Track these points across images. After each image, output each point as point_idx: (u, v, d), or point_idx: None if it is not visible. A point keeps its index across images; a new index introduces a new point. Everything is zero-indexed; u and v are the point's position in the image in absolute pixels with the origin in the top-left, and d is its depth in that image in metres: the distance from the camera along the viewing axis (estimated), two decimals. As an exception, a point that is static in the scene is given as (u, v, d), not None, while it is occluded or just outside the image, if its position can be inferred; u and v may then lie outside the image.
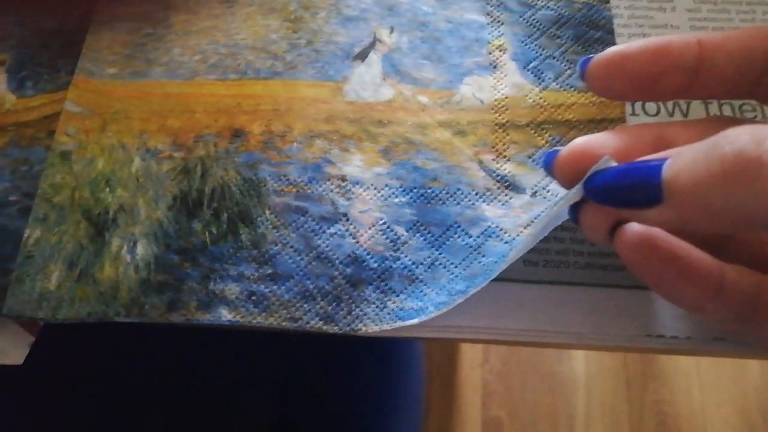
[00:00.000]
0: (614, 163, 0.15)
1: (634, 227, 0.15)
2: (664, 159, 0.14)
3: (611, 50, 0.17)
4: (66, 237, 0.20)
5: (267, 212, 0.20)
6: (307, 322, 0.18)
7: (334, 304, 0.18)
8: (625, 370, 0.93)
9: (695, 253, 0.15)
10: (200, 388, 0.34)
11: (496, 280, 0.20)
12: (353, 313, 0.18)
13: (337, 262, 0.19)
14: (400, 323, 0.18)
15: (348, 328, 0.18)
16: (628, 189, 0.14)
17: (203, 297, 0.18)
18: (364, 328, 0.18)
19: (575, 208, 0.16)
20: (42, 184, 0.20)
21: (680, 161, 0.14)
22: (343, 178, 0.20)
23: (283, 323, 0.18)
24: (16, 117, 0.22)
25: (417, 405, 0.41)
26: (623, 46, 0.16)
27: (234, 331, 0.29)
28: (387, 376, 0.38)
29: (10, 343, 0.20)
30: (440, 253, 0.19)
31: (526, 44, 0.22)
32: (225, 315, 0.18)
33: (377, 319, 0.18)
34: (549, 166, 0.16)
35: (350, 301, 0.18)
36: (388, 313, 0.18)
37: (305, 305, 0.18)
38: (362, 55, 0.22)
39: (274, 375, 0.35)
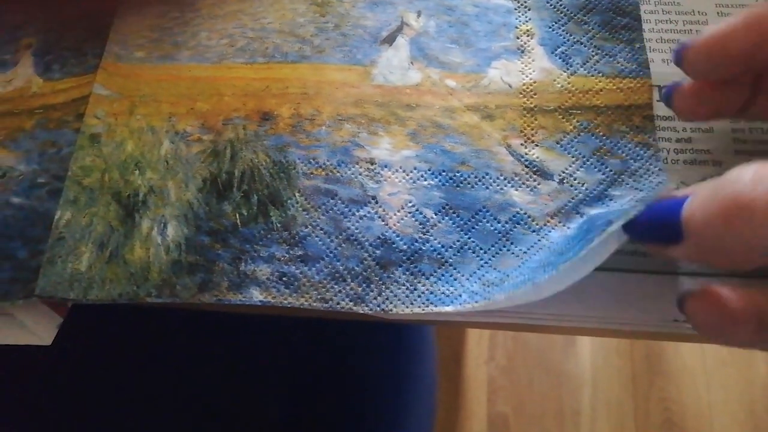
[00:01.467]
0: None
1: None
2: (685, 198, 0.15)
3: (707, 33, 0.17)
4: (96, 219, 0.20)
5: (297, 195, 0.20)
6: (338, 303, 0.18)
7: (364, 285, 0.18)
8: (631, 366, 0.93)
9: (732, 295, 0.15)
10: (216, 374, 0.34)
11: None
12: (383, 294, 0.18)
13: (366, 244, 0.19)
14: (432, 308, 0.18)
15: (378, 309, 0.18)
16: (656, 228, 0.16)
17: (234, 278, 0.18)
18: (395, 309, 0.18)
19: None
20: (72, 166, 0.21)
21: (695, 201, 0.15)
22: (371, 161, 0.20)
23: (314, 304, 0.18)
24: (44, 100, 0.22)
25: (430, 395, 0.41)
26: (714, 28, 0.17)
27: (249, 317, 0.29)
28: (400, 366, 0.38)
29: (39, 324, 0.20)
30: (469, 237, 0.19)
31: (553, 29, 0.22)
32: (256, 296, 0.18)
33: (407, 301, 0.18)
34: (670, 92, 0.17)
35: (380, 282, 0.18)
36: (419, 296, 0.18)
37: (336, 286, 0.18)
38: (390, 39, 0.22)
39: (289, 361, 0.35)
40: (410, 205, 0.20)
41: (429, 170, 0.20)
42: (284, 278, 0.18)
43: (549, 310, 0.19)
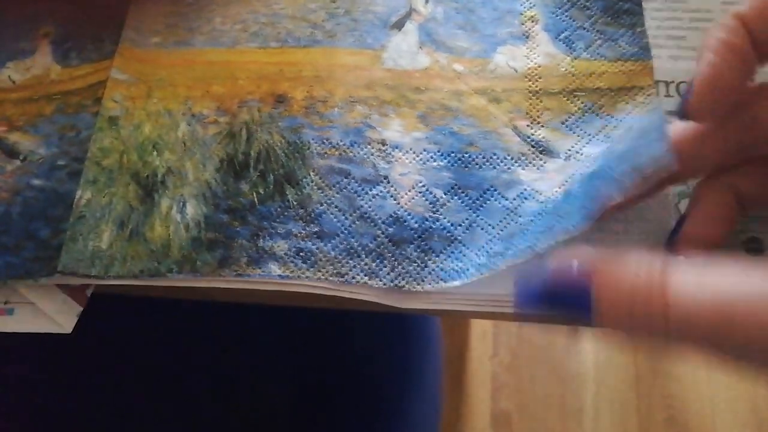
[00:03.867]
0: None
1: None
2: (587, 280, 0.14)
3: (700, 81, 0.17)
4: (116, 198, 0.20)
5: (312, 174, 0.20)
6: (353, 277, 0.19)
7: (378, 260, 0.19)
8: (634, 364, 0.93)
9: None
10: (222, 365, 0.34)
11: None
12: (396, 270, 0.19)
13: (379, 221, 0.19)
14: (442, 284, 0.19)
15: (392, 284, 0.19)
16: (565, 308, 0.15)
17: (253, 253, 0.19)
18: (407, 286, 0.19)
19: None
20: (91, 147, 0.21)
21: (603, 289, 0.14)
22: (383, 142, 0.21)
23: (330, 278, 0.19)
24: (62, 86, 0.23)
25: (436, 387, 0.41)
26: (701, 75, 0.17)
27: (257, 308, 0.30)
28: (407, 358, 0.39)
29: (59, 312, 0.20)
30: (478, 216, 0.20)
31: (557, 15, 0.23)
32: (275, 270, 0.19)
33: (419, 278, 0.19)
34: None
35: (393, 258, 0.19)
36: (429, 273, 0.19)
37: (350, 261, 0.19)
38: (399, 25, 0.23)
39: (296, 353, 0.36)
40: (420, 185, 0.20)
41: (438, 151, 0.21)
42: (301, 253, 0.19)
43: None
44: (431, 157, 0.21)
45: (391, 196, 0.20)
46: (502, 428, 0.90)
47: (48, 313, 0.20)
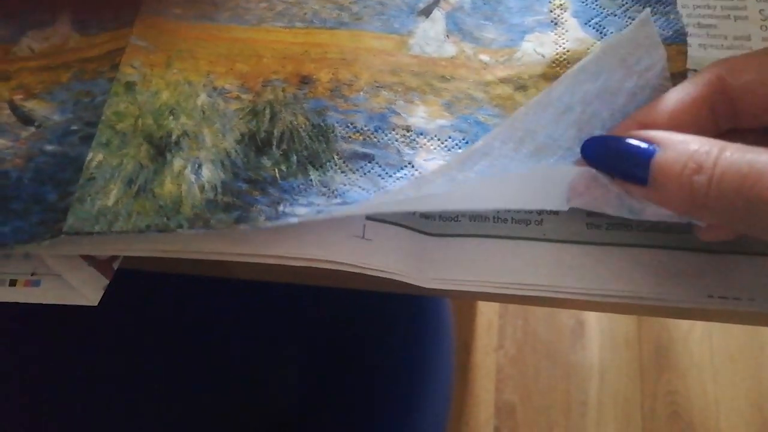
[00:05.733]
0: None
1: None
2: (654, 146, 0.17)
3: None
4: (127, 159, 0.20)
5: (335, 157, 0.20)
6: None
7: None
8: (639, 359, 0.93)
9: None
10: (233, 346, 0.34)
11: (558, 241, 0.20)
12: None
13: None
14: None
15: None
16: (623, 164, 0.17)
17: (272, 215, 0.19)
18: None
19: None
20: (106, 111, 0.21)
21: (666, 157, 0.16)
22: (407, 129, 0.20)
23: (354, 212, 0.18)
24: (80, 54, 0.23)
25: (447, 376, 0.41)
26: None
27: (270, 287, 0.29)
28: (419, 344, 0.39)
29: (86, 284, 0.20)
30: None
31: (586, 3, 0.23)
32: (293, 220, 0.18)
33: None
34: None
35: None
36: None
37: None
38: (426, 12, 0.23)
39: (308, 335, 0.36)
40: None
41: (463, 139, 0.20)
42: (321, 213, 0.19)
43: (581, 284, 0.19)
44: (456, 145, 0.20)
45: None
46: (506, 420, 0.90)
47: (74, 285, 0.20)
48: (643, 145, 0.17)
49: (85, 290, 0.20)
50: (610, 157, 0.18)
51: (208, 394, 0.33)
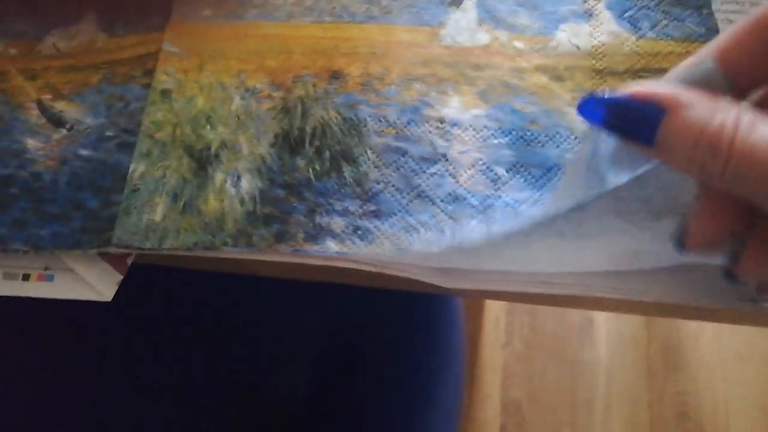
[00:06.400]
0: None
1: None
2: (663, 110, 0.15)
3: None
4: (169, 171, 0.20)
5: (368, 152, 0.20)
6: (411, 245, 0.18)
7: (438, 233, 0.19)
8: (647, 358, 0.93)
9: None
10: (248, 334, 0.34)
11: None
12: (456, 237, 0.18)
13: (438, 200, 0.19)
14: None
15: (451, 244, 0.18)
16: (627, 123, 0.16)
17: (310, 229, 0.19)
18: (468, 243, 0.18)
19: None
20: (144, 120, 0.21)
21: (674, 121, 0.15)
22: (441, 120, 0.20)
23: (389, 252, 0.18)
24: (109, 56, 0.23)
25: (460, 369, 0.41)
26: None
27: (284, 282, 0.29)
28: (432, 336, 0.38)
29: (100, 280, 0.20)
30: (541, 194, 0.19)
31: None
32: (332, 247, 0.18)
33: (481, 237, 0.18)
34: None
35: (453, 231, 0.19)
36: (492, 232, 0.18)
37: (409, 237, 0.19)
38: (457, 2, 0.22)
39: (320, 331, 0.35)
40: (481, 163, 0.20)
41: (499, 129, 0.20)
42: (358, 231, 0.19)
43: (609, 282, 0.19)
44: (492, 135, 0.20)
45: (450, 175, 0.19)
46: (513, 417, 0.90)
47: (88, 281, 0.20)
48: (652, 108, 0.16)
49: (99, 286, 0.20)
50: (614, 114, 0.16)
51: (215, 390, 0.33)
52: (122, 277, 0.20)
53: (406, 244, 0.18)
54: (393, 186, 0.19)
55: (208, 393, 0.33)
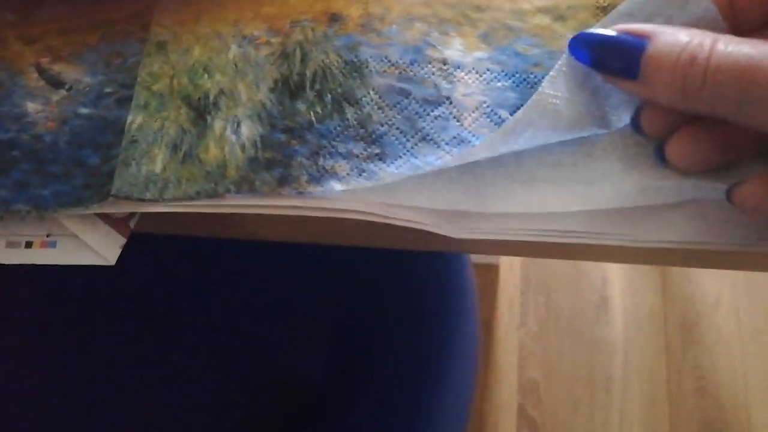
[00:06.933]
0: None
1: None
2: (644, 39, 0.16)
3: None
4: (168, 122, 0.20)
5: (371, 92, 0.19)
6: (417, 194, 0.18)
7: (445, 179, 0.18)
8: (665, 334, 0.92)
9: None
10: (259, 301, 0.34)
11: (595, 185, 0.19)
12: (463, 183, 0.18)
13: (443, 143, 0.19)
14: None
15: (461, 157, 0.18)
16: (612, 59, 0.17)
17: (314, 172, 0.18)
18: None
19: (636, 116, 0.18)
20: (141, 72, 0.20)
21: (658, 50, 0.16)
22: (444, 62, 0.20)
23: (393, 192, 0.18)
24: (105, 15, 0.22)
25: (474, 345, 0.41)
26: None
27: (296, 247, 0.29)
28: (445, 312, 0.38)
29: (103, 244, 0.20)
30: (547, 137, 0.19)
31: None
32: (336, 187, 0.18)
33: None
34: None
35: (460, 174, 0.18)
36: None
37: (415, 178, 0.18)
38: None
39: (332, 306, 0.35)
40: (485, 105, 0.19)
41: (502, 72, 0.20)
42: (363, 174, 0.18)
43: (621, 229, 0.18)
44: (495, 77, 0.19)
45: (454, 118, 0.19)
46: (530, 397, 0.90)
47: (91, 245, 0.20)
48: (634, 39, 0.16)
49: (102, 250, 0.20)
50: (599, 53, 0.17)
51: (227, 372, 0.33)
52: (125, 240, 0.20)
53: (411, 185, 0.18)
54: (397, 128, 0.19)
55: (221, 374, 0.33)
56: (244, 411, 0.33)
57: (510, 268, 0.97)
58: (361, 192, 0.18)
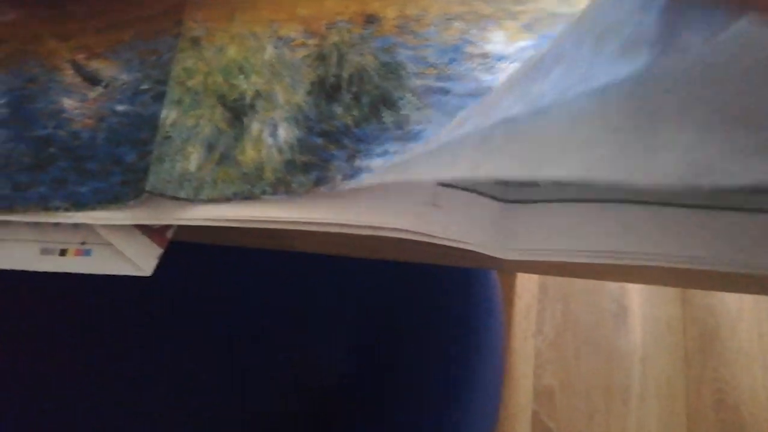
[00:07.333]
0: None
1: None
2: None
3: None
4: (203, 121, 0.19)
5: (408, 94, 0.19)
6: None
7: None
8: (684, 345, 0.90)
9: None
10: (284, 313, 0.33)
11: (654, 203, 0.18)
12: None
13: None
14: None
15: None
16: None
17: (349, 171, 0.18)
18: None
19: None
20: (175, 67, 0.20)
21: None
22: (485, 56, 0.19)
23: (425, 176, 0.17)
24: (139, 11, 0.22)
25: (499, 349, 0.40)
26: None
27: (321, 259, 0.29)
28: (471, 316, 0.38)
29: (138, 253, 0.19)
30: None
31: None
32: (368, 179, 0.18)
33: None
34: None
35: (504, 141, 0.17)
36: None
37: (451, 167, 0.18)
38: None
39: (356, 314, 0.35)
40: None
41: None
42: (394, 157, 0.18)
43: (686, 251, 0.17)
44: None
45: None
46: (545, 404, 0.89)
47: (127, 255, 0.19)
48: None
49: (139, 260, 0.19)
50: None
51: (252, 371, 0.32)
52: (162, 251, 0.20)
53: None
54: (435, 123, 0.18)
55: (247, 373, 0.33)
56: (268, 418, 0.32)
57: (527, 275, 0.96)
58: (397, 168, 0.17)
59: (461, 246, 0.18)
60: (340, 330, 0.34)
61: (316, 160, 0.18)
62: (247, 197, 0.18)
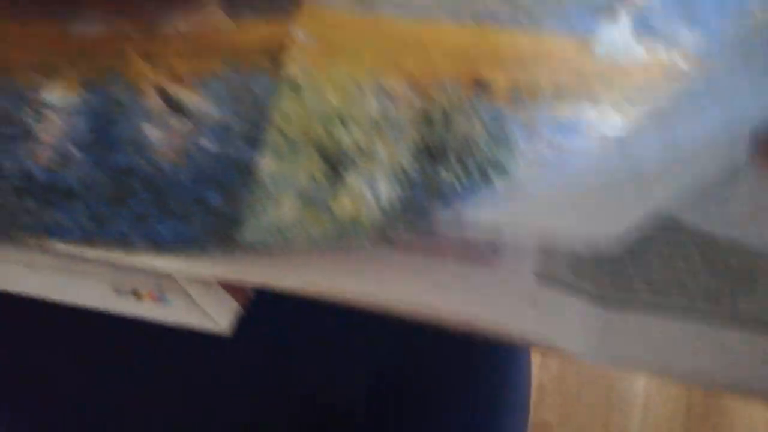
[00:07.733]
0: None
1: None
2: None
3: None
4: (300, 171, 0.19)
5: (521, 163, 0.18)
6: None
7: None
8: (687, 396, 0.89)
9: None
10: (296, 363, 0.33)
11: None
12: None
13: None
14: None
15: None
16: None
17: (456, 226, 0.17)
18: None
19: None
20: (274, 114, 0.20)
21: None
22: (603, 137, 0.19)
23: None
24: (233, 42, 0.21)
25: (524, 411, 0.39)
26: None
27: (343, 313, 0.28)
28: (495, 391, 0.37)
29: (217, 309, 0.18)
30: None
31: None
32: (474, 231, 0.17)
33: None
34: None
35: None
36: None
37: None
38: (611, 11, 0.21)
39: (377, 356, 0.34)
40: None
41: None
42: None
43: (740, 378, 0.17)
44: None
45: None
46: (542, 440, 0.88)
47: (204, 308, 0.18)
48: None
49: (216, 315, 0.18)
50: None
51: (269, 402, 0.32)
52: (241, 308, 0.19)
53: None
54: (549, 183, 0.18)
55: (262, 404, 0.32)
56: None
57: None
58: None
59: (551, 346, 0.17)
60: (358, 366, 0.33)
61: (420, 220, 0.18)
62: (343, 249, 0.17)
